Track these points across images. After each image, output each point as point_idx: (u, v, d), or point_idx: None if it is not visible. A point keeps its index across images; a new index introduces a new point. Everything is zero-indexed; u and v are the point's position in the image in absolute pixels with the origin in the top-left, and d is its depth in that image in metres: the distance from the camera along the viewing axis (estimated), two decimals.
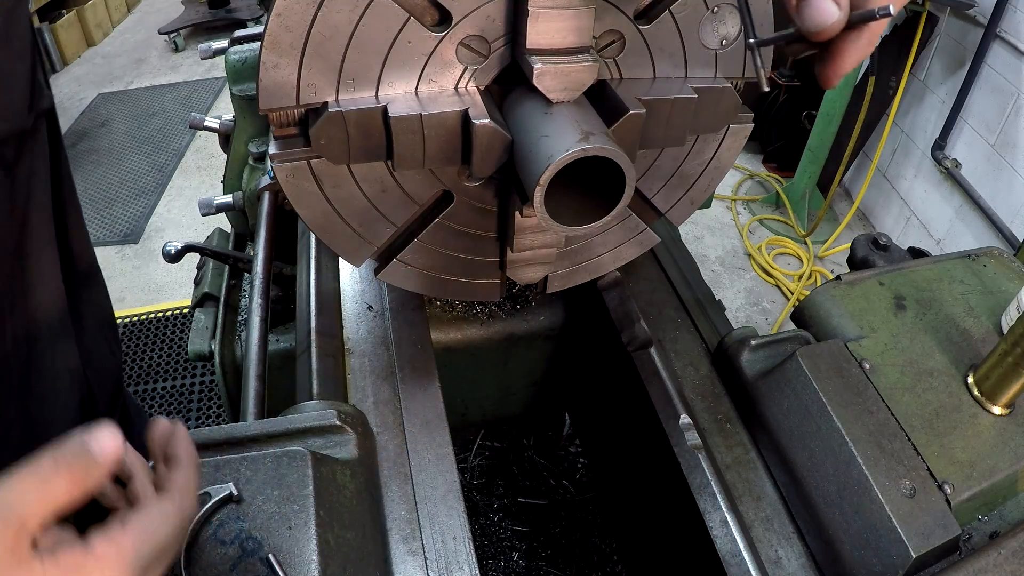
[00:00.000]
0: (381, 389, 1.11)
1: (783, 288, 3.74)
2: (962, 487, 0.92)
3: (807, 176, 4.02)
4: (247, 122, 1.89)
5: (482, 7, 0.84)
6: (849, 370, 1.02)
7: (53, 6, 5.52)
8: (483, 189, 1.02)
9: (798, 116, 4.19)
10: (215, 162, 4.53)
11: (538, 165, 0.79)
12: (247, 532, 0.74)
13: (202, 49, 1.91)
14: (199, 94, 5.38)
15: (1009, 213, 3.15)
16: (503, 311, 1.41)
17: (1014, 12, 3.04)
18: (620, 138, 0.89)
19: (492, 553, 1.97)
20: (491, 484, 2.09)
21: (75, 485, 0.51)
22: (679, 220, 1.20)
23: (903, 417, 0.98)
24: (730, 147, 1.11)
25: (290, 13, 0.78)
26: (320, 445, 0.90)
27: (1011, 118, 3.11)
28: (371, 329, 1.21)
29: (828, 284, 1.18)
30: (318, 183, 0.92)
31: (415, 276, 1.10)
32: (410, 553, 0.91)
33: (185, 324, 3.33)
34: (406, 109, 0.85)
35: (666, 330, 1.27)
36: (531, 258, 1.10)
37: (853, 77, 3.58)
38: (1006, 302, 1.17)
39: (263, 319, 1.26)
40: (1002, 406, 1.00)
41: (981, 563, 0.87)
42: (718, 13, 0.95)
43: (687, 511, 1.02)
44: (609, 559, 1.91)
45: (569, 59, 0.84)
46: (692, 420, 1.10)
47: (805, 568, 0.96)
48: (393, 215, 1.01)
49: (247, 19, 5.80)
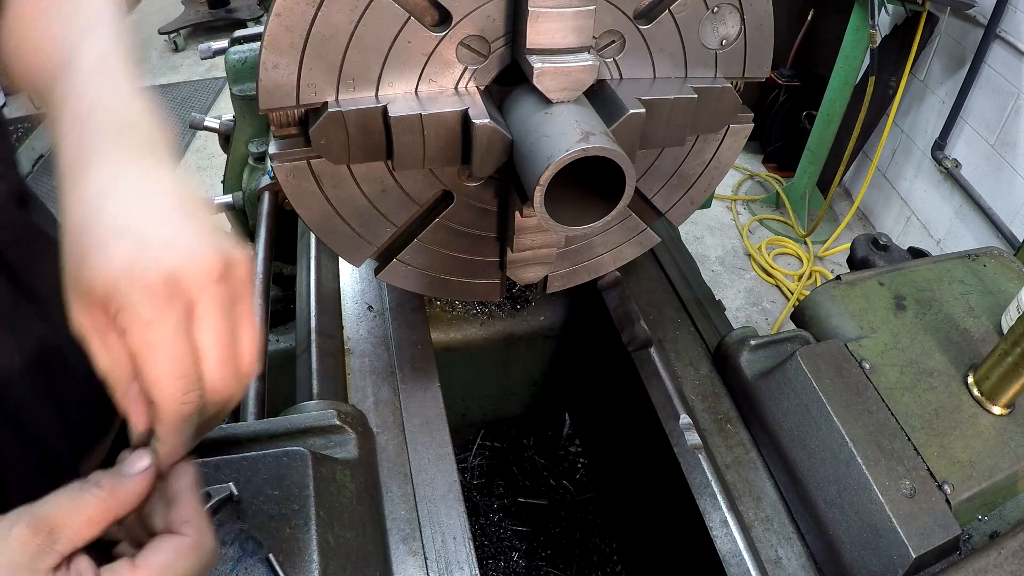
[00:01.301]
0: (381, 389, 1.11)
1: (783, 288, 3.74)
2: (962, 487, 0.92)
3: (807, 176, 4.02)
4: (247, 122, 1.89)
5: (482, 7, 0.84)
6: (849, 370, 1.02)
7: None
8: (483, 189, 1.02)
9: (798, 116, 4.19)
10: (215, 162, 4.53)
11: (538, 165, 0.79)
12: (247, 532, 0.74)
13: (202, 49, 1.91)
14: (199, 94, 5.38)
15: (1009, 213, 3.15)
16: (503, 311, 1.41)
17: (1014, 12, 3.04)
18: (620, 138, 0.89)
19: (492, 553, 1.97)
20: (491, 484, 2.09)
21: (108, 507, 0.50)
22: (679, 220, 1.20)
23: (903, 417, 0.98)
24: (730, 147, 1.11)
25: (290, 13, 0.78)
26: (320, 445, 0.90)
27: (1011, 118, 3.11)
28: (371, 329, 1.21)
29: (828, 284, 1.18)
30: (318, 183, 0.92)
31: (415, 276, 1.10)
32: (410, 553, 0.91)
33: None
34: (406, 109, 0.85)
35: (666, 330, 1.27)
36: (531, 258, 1.10)
37: (853, 77, 3.58)
38: (1006, 302, 1.17)
39: (263, 319, 1.26)
40: (1002, 406, 1.00)
41: (981, 563, 0.87)
42: (718, 13, 0.95)
43: (687, 511, 1.02)
44: (609, 559, 1.91)
45: (569, 59, 0.84)
46: (692, 420, 1.10)
47: (805, 568, 0.96)
48: (393, 215, 1.01)
49: (247, 19, 5.80)
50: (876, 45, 3.23)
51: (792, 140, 4.30)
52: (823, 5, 4.00)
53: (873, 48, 3.25)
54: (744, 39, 0.98)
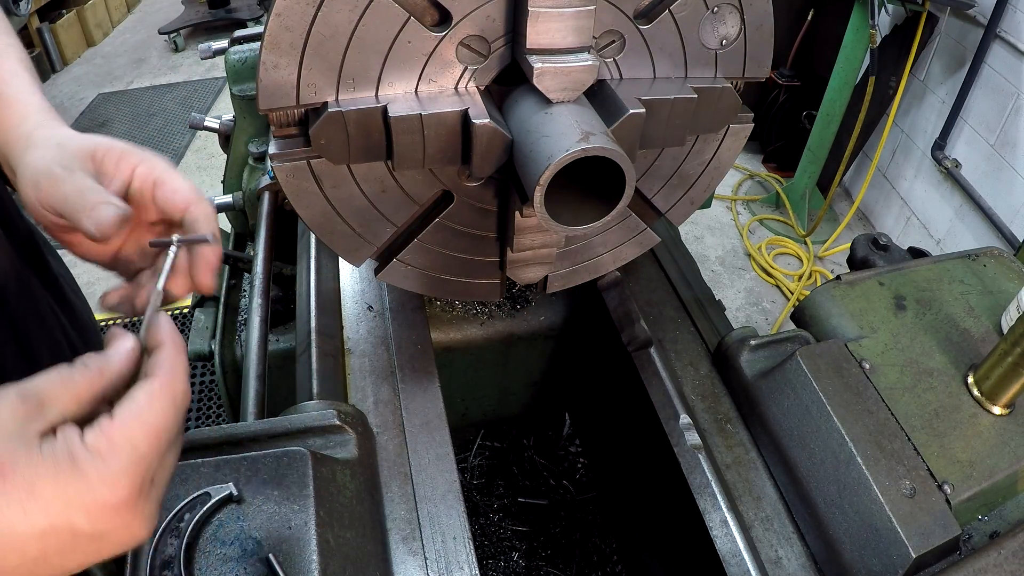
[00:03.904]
0: (381, 389, 1.11)
1: (783, 288, 3.74)
2: (962, 487, 0.92)
3: (807, 176, 4.02)
4: (247, 122, 1.89)
5: (482, 7, 0.84)
6: (849, 370, 1.02)
7: (53, 6, 5.52)
8: (483, 189, 1.02)
9: (798, 116, 4.19)
10: (215, 162, 4.53)
11: (538, 165, 0.79)
12: (247, 532, 0.74)
13: (202, 49, 1.91)
14: (199, 94, 5.38)
15: (1009, 213, 3.15)
16: (503, 311, 1.41)
17: (1014, 12, 3.04)
18: (620, 138, 0.89)
19: (492, 553, 1.97)
20: (491, 484, 2.09)
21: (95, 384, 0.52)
22: (679, 220, 1.20)
23: (903, 417, 0.98)
24: (730, 147, 1.11)
25: (290, 13, 0.78)
26: (320, 445, 0.90)
27: (1011, 118, 3.11)
28: (371, 329, 1.21)
29: (828, 284, 1.18)
30: (318, 183, 0.92)
31: (415, 276, 1.10)
32: (410, 553, 0.91)
33: (185, 324, 3.33)
34: (406, 109, 0.85)
35: (666, 330, 1.27)
36: (531, 258, 1.10)
37: (853, 77, 3.58)
38: (1006, 302, 1.17)
39: (263, 319, 1.26)
40: (1002, 406, 1.00)
41: (981, 563, 0.87)
42: (718, 13, 0.95)
43: (687, 511, 1.02)
44: (609, 559, 1.91)
45: (569, 59, 0.84)
46: (692, 420, 1.10)
47: (805, 568, 0.96)
48: (393, 215, 1.01)
49: (247, 19, 5.80)
50: (876, 45, 3.23)
51: (792, 140, 4.30)
52: (823, 5, 4.00)
53: (873, 48, 3.25)
54: (744, 39, 0.98)
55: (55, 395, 0.50)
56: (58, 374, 0.51)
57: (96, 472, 0.47)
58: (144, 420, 0.51)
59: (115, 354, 0.55)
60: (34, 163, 0.70)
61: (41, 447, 0.47)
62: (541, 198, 0.80)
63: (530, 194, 0.80)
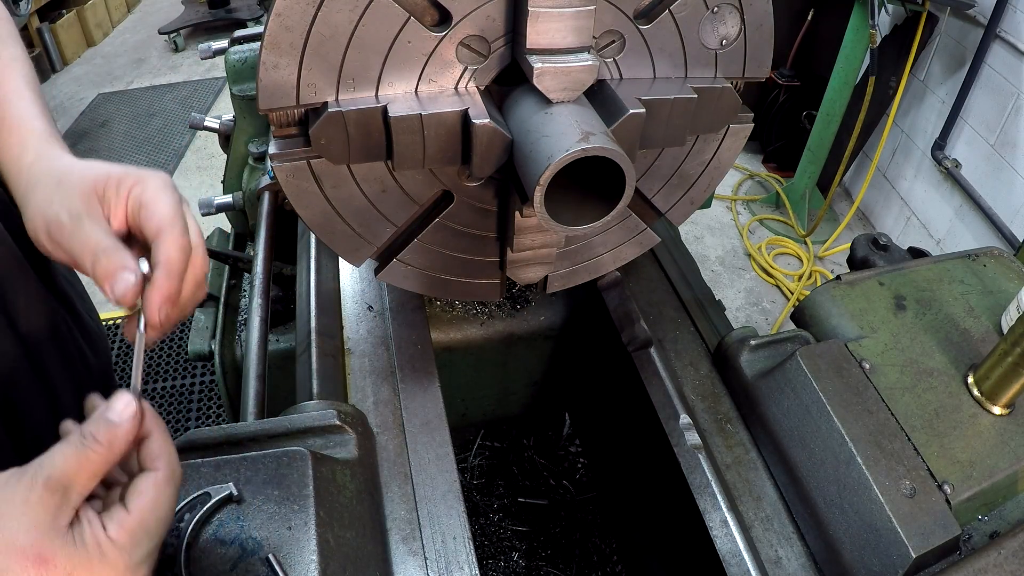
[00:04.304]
0: (381, 389, 1.11)
1: (783, 288, 3.74)
2: (962, 487, 0.92)
3: (807, 176, 4.02)
4: (247, 122, 1.89)
5: (482, 7, 0.84)
6: (849, 370, 1.02)
7: (53, 6, 5.52)
8: (483, 189, 1.02)
9: (798, 116, 4.19)
10: (215, 162, 4.53)
11: (538, 165, 0.79)
12: (247, 532, 0.74)
13: (202, 49, 1.91)
14: (199, 94, 5.38)
15: (1009, 213, 3.15)
16: (503, 311, 1.41)
17: (1014, 12, 3.04)
18: (620, 138, 0.89)
19: (492, 553, 1.97)
20: (491, 484, 2.10)
21: (108, 459, 0.56)
22: (679, 220, 1.20)
23: (903, 417, 0.98)
24: (730, 147, 1.11)
25: (290, 13, 0.78)
26: (320, 445, 0.90)
27: (1011, 118, 3.11)
28: (371, 329, 1.21)
29: (828, 284, 1.18)
30: (318, 183, 0.92)
31: (415, 276, 1.10)
32: (410, 553, 0.91)
33: (185, 324, 3.33)
34: (406, 109, 0.85)
35: (666, 330, 1.27)
36: (531, 258, 1.10)
37: (853, 77, 3.58)
38: (1006, 302, 1.17)
39: (263, 319, 1.26)
40: (1002, 406, 1.00)
41: (981, 563, 0.87)
42: (718, 13, 0.95)
43: (687, 511, 1.02)
44: (609, 559, 1.91)
45: (569, 59, 0.84)
46: (692, 420, 1.10)
47: (805, 568, 0.96)
48: (393, 215, 1.01)
49: (247, 19, 5.80)
50: (876, 45, 3.23)
51: (792, 140, 4.30)
52: (823, 5, 4.00)
53: (873, 48, 3.25)
54: (744, 39, 0.98)
55: (75, 479, 0.54)
56: (74, 454, 0.54)
57: (123, 562, 0.55)
58: (156, 511, 0.58)
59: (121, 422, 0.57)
60: (39, 206, 0.69)
61: (73, 535, 0.53)
62: (541, 198, 0.80)
63: (530, 194, 0.80)
